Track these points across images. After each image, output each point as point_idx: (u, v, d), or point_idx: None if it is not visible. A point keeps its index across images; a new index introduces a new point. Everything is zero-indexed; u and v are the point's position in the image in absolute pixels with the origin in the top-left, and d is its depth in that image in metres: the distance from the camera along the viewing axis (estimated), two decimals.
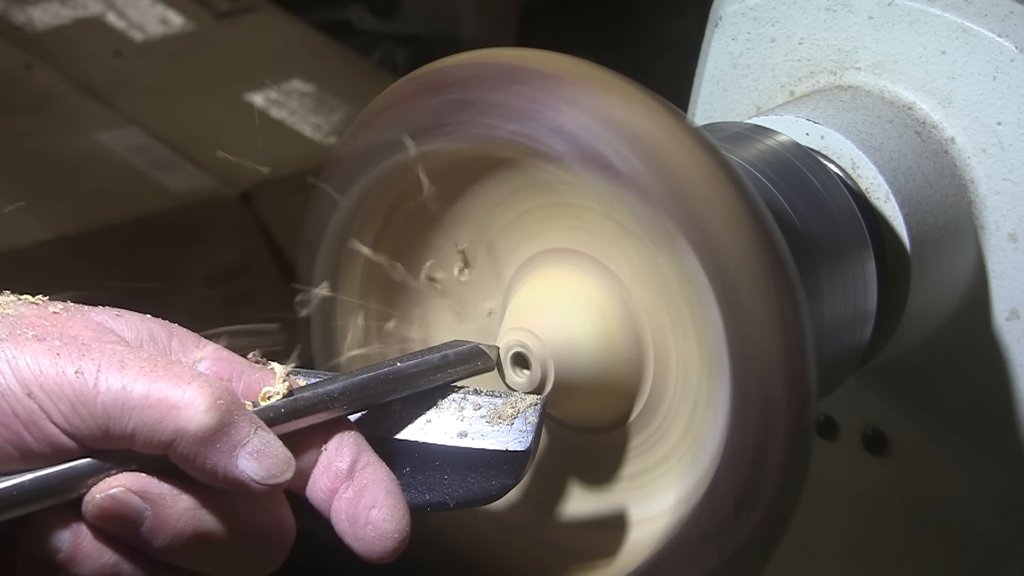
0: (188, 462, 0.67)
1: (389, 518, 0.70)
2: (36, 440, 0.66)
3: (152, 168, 2.08)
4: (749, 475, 0.74)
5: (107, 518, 0.67)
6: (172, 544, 0.67)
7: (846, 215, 0.92)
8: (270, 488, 0.68)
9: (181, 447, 0.67)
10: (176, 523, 0.67)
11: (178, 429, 0.66)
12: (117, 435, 0.66)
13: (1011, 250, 0.98)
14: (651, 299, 0.79)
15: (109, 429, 0.66)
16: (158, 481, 0.68)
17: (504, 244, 0.85)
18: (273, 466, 0.68)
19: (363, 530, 0.70)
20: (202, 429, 0.66)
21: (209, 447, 0.67)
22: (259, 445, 0.68)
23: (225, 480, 0.67)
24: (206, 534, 0.68)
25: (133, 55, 2.31)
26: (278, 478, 0.68)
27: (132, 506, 0.67)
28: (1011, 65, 0.95)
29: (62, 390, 0.66)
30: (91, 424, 0.66)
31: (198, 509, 0.68)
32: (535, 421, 0.75)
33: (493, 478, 0.74)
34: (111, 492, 0.66)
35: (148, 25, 2.37)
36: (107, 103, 2.19)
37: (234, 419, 0.68)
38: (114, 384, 0.66)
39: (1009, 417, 1.00)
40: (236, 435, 0.67)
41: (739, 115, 1.08)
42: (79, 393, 0.66)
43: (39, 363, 0.66)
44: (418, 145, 0.80)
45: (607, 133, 0.74)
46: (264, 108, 2.26)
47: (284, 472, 0.68)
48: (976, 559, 1.06)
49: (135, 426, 0.66)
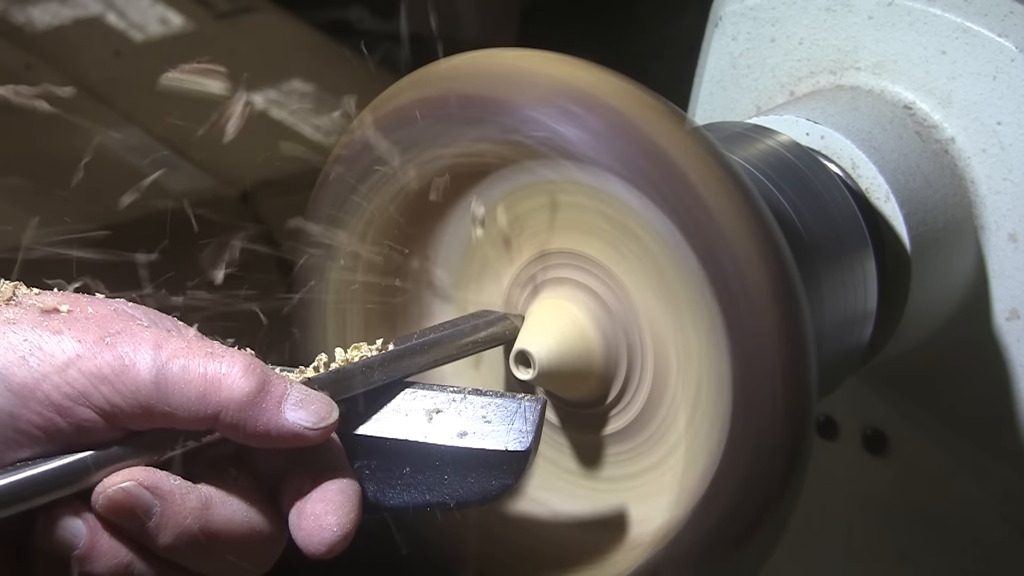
0: (238, 429, 0.68)
1: (333, 512, 0.70)
2: (68, 424, 0.66)
3: (152, 168, 2.08)
4: (749, 475, 0.74)
5: (116, 510, 0.67)
6: (176, 542, 0.67)
7: (846, 215, 0.92)
8: (322, 432, 0.70)
9: (228, 415, 0.68)
10: (183, 521, 0.67)
11: (222, 399, 0.67)
12: (159, 413, 0.67)
13: (1011, 250, 0.98)
14: (651, 299, 0.79)
15: (151, 407, 0.67)
16: (168, 477, 0.68)
17: (504, 244, 0.85)
18: (319, 410, 0.70)
19: (305, 520, 0.70)
20: (244, 393, 0.68)
21: (255, 408, 0.68)
22: (300, 395, 0.70)
23: (279, 435, 0.69)
24: (211, 534, 0.68)
25: (133, 55, 2.31)
26: (327, 420, 0.70)
27: (142, 500, 0.67)
28: (1011, 65, 0.95)
29: (102, 372, 0.66)
30: (132, 403, 0.67)
31: (205, 509, 0.68)
32: (535, 421, 0.75)
33: (493, 478, 0.74)
34: (123, 485, 0.67)
35: (148, 25, 2.37)
36: (107, 103, 2.19)
37: (270, 378, 0.69)
38: (153, 363, 0.67)
39: (1009, 417, 1.00)
40: (276, 392, 0.69)
41: (739, 115, 1.08)
42: (119, 374, 0.66)
43: (76, 348, 0.67)
44: (417, 146, 0.80)
45: (607, 133, 0.74)
46: (264, 108, 2.26)
47: (331, 414, 0.70)
48: (976, 559, 1.06)
49: (177, 402, 0.67)
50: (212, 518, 0.68)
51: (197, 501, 0.68)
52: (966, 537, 1.06)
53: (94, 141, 1.94)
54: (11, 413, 0.65)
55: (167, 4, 2.40)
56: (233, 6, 2.44)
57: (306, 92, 2.31)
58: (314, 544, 0.70)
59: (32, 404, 0.66)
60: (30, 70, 2.23)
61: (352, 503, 0.71)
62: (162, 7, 2.40)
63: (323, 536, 0.70)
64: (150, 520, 0.67)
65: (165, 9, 2.40)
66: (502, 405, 0.75)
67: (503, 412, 0.75)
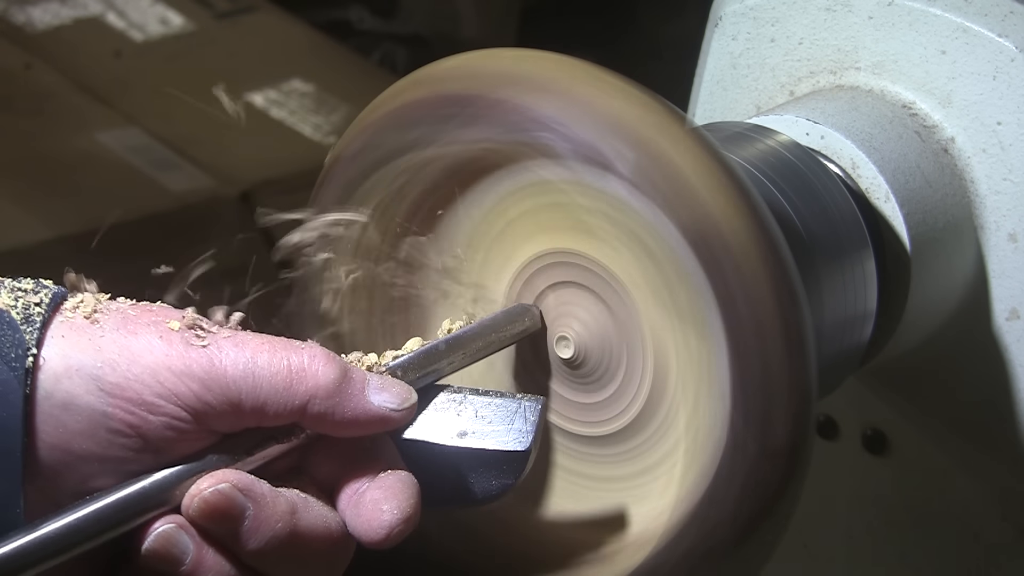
0: (327, 418, 0.69)
1: (391, 498, 0.70)
2: (159, 423, 0.67)
3: (152, 168, 2.08)
4: (749, 475, 0.74)
5: (212, 513, 0.67)
6: (267, 547, 0.68)
7: (846, 215, 0.92)
8: (406, 413, 0.72)
9: (316, 405, 0.69)
10: (275, 525, 0.68)
11: (309, 388, 0.69)
12: (249, 408, 0.68)
13: (1011, 250, 0.98)
14: (651, 299, 0.79)
15: (241, 403, 0.68)
16: (258, 480, 0.69)
17: (504, 244, 0.85)
18: (400, 391, 0.72)
19: (363, 508, 0.70)
20: (331, 380, 0.69)
21: (342, 396, 0.69)
22: (379, 381, 0.72)
23: (367, 419, 0.70)
24: (298, 538, 0.69)
25: (133, 55, 2.32)
26: (409, 400, 0.72)
27: (237, 503, 0.67)
28: (1011, 65, 0.95)
29: (191, 370, 0.67)
30: (223, 400, 0.68)
31: (293, 514, 0.69)
32: (535, 421, 0.75)
33: (493, 478, 0.74)
34: (219, 487, 0.67)
35: (148, 25, 2.37)
36: (107, 103, 2.19)
37: (349, 366, 0.71)
38: (239, 359, 0.68)
39: (1009, 417, 1.00)
40: (359, 379, 0.71)
41: (739, 115, 1.08)
42: (208, 371, 0.68)
43: (161, 348, 0.68)
44: (418, 146, 0.80)
45: (607, 133, 0.74)
46: (264, 108, 2.26)
47: (411, 395, 0.73)
48: (976, 559, 1.06)
49: (266, 395, 0.68)
50: (299, 523, 0.69)
51: (286, 505, 0.69)
52: (966, 537, 1.06)
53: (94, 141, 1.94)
54: (104, 412, 0.66)
55: (167, 4, 2.40)
56: (233, 6, 2.44)
57: (306, 92, 2.32)
58: (373, 529, 0.70)
59: (124, 403, 0.67)
60: (30, 70, 2.23)
61: (411, 491, 0.71)
62: (162, 7, 2.40)
63: (382, 520, 0.70)
64: (243, 524, 0.67)
65: (165, 9, 2.40)
66: (502, 405, 0.75)
67: (503, 412, 0.75)
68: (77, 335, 0.67)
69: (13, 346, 0.65)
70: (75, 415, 0.66)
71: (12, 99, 2.16)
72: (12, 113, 2.14)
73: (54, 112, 2.15)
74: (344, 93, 2.32)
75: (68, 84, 2.21)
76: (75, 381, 0.66)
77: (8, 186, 1.96)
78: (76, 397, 0.66)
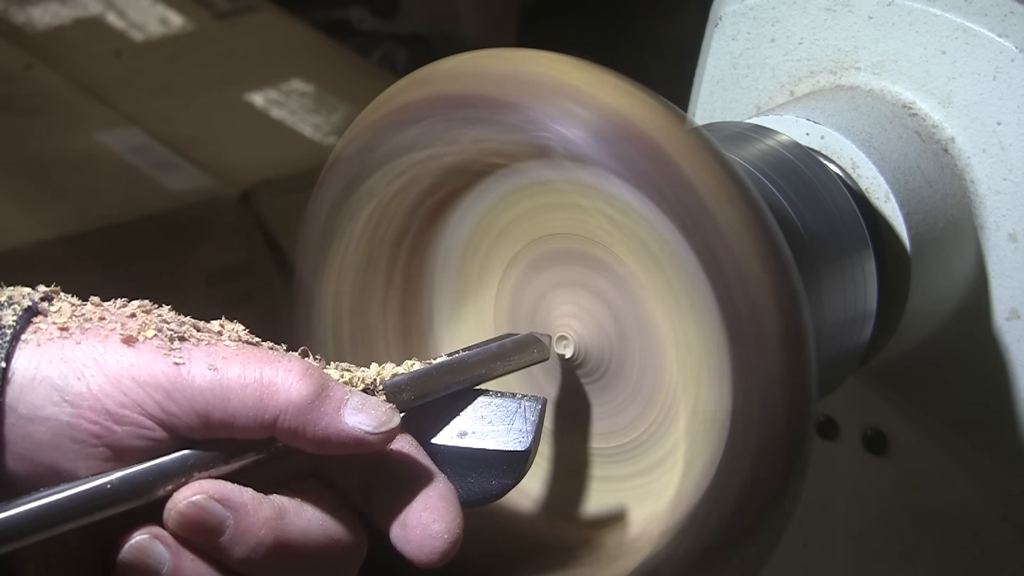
0: (297, 434, 0.67)
1: (439, 519, 0.69)
2: (125, 433, 0.66)
3: (152, 168, 2.08)
4: (749, 475, 0.74)
5: (189, 525, 0.66)
6: (252, 555, 0.66)
7: (846, 215, 0.92)
8: (383, 437, 0.68)
9: (287, 420, 0.67)
10: (258, 532, 0.66)
11: (279, 403, 0.66)
12: (217, 421, 0.66)
13: (1011, 250, 0.98)
14: (651, 299, 0.79)
15: (208, 416, 0.66)
16: (239, 488, 0.67)
17: (504, 245, 0.85)
18: (381, 415, 0.69)
19: (412, 532, 0.69)
20: (303, 396, 0.67)
21: (315, 413, 0.67)
22: (359, 400, 0.69)
23: (339, 440, 0.67)
24: (287, 545, 0.67)
25: (133, 55, 2.32)
26: (388, 425, 0.68)
27: (214, 513, 0.66)
28: (1011, 65, 0.95)
29: (156, 380, 0.66)
30: (189, 411, 0.66)
31: (279, 519, 0.67)
32: (535, 421, 0.75)
33: (493, 478, 0.74)
34: (194, 499, 0.66)
35: (148, 25, 2.37)
36: (107, 103, 2.19)
37: (328, 383, 0.68)
38: (207, 370, 0.66)
39: (1009, 417, 1.00)
40: (336, 396, 0.68)
41: (739, 115, 1.08)
42: (173, 382, 0.66)
43: (128, 358, 0.66)
44: (418, 146, 0.80)
45: (607, 133, 0.74)
46: (264, 108, 2.26)
47: (391, 419, 0.69)
48: (976, 559, 1.06)
49: (235, 408, 0.66)
50: (287, 528, 0.67)
51: (271, 511, 0.67)
52: (966, 537, 1.06)
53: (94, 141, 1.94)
54: (68, 423, 0.65)
55: (167, 4, 2.40)
56: (233, 6, 2.44)
57: (306, 92, 2.32)
58: (425, 554, 0.69)
59: (87, 413, 0.66)
60: (30, 70, 2.23)
61: (455, 508, 0.70)
62: (162, 7, 2.40)
63: (434, 545, 0.69)
64: (224, 534, 0.66)
65: (165, 9, 2.40)
66: (502, 405, 0.75)
67: (503, 412, 0.75)
68: (44, 346, 0.66)
69: None
70: (39, 426, 0.65)
71: (12, 99, 2.16)
72: (12, 113, 2.14)
73: (54, 112, 2.15)
74: (344, 93, 2.32)
75: (68, 84, 2.21)
76: (39, 392, 0.65)
77: (8, 186, 1.96)
78: (39, 408, 0.65)
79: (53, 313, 0.68)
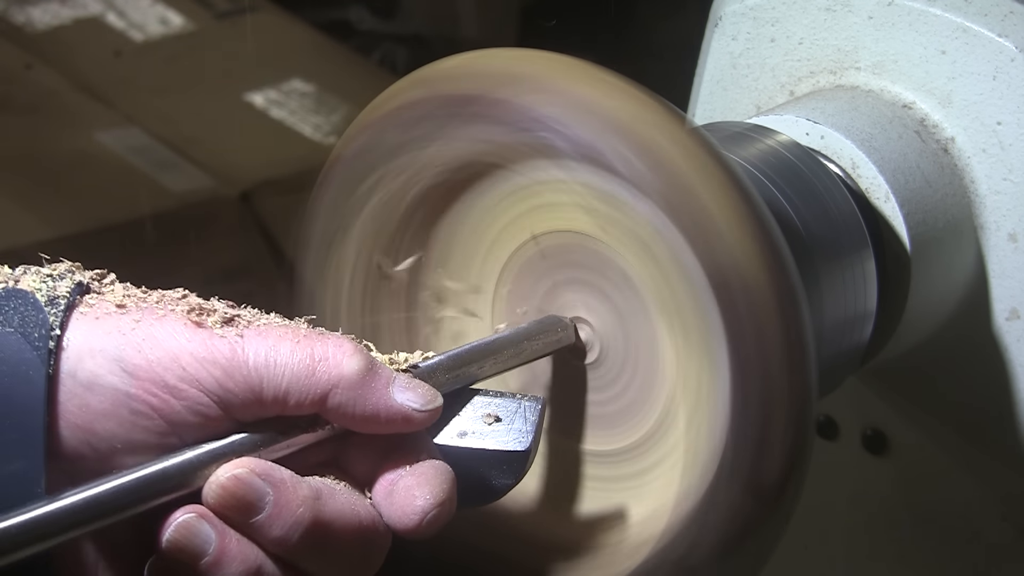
0: (346, 410, 0.68)
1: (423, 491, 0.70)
2: (183, 407, 0.67)
3: (152, 168, 2.08)
4: (749, 475, 0.74)
5: (230, 499, 0.66)
6: (289, 533, 0.67)
7: (846, 215, 0.92)
8: (429, 415, 0.70)
9: (338, 395, 0.68)
10: (296, 510, 0.67)
11: (331, 378, 0.68)
12: (270, 397, 0.68)
13: (1011, 250, 0.98)
14: (652, 298, 0.79)
15: (263, 391, 0.67)
16: (278, 467, 0.68)
17: (504, 245, 0.85)
18: (426, 392, 0.71)
19: (397, 496, 0.70)
20: (355, 372, 0.68)
21: (365, 389, 0.69)
22: (405, 379, 0.71)
23: (388, 416, 0.69)
24: (322, 525, 0.68)
25: (133, 55, 2.32)
26: (434, 402, 0.71)
27: (256, 488, 0.67)
28: (1011, 65, 0.95)
29: (214, 357, 0.67)
30: (244, 387, 0.67)
31: (316, 499, 0.68)
32: (535, 421, 0.75)
33: (493, 478, 0.74)
34: (235, 472, 0.67)
35: (148, 25, 2.37)
36: (107, 103, 2.19)
37: (375, 361, 0.70)
38: (261, 347, 0.68)
39: (1009, 417, 1.00)
40: (384, 373, 0.70)
41: (739, 115, 1.08)
42: (230, 359, 0.67)
43: (185, 335, 0.68)
44: (418, 146, 0.80)
45: (607, 133, 0.74)
46: (264, 108, 2.26)
47: (436, 398, 0.71)
48: (976, 559, 1.06)
49: (288, 384, 0.68)
50: (323, 509, 0.68)
51: (308, 490, 0.68)
52: (966, 536, 1.06)
53: (94, 141, 1.94)
54: (127, 393, 0.66)
55: (167, 4, 2.40)
56: (233, 6, 2.44)
57: (306, 92, 2.32)
58: (407, 515, 0.69)
59: (146, 384, 0.66)
60: (30, 70, 2.23)
61: (445, 477, 0.71)
62: (162, 7, 2.40)
63: (415, 505, 0.69)
64: (263, 510, 0.67)
65: (165, 9, 2.40)
66: (502, 405, 0.75)
67: (503, 412, 0.75)
68: (101, 319, 0.67)
69: (37, 326, 0.66)
70: (98, 395, 0.66)
71: (12, 99, 2.16)
72: (12, 113, 2.14)
73: (54, 112, 2.15)
74: (344, 93, 2.32)
75: (68, 84, 2.21)
76: (98, 361, 0.66)
77: (8, 186, 1.96)
78: (99, 377, 0.66)
79: (108, 291, 0.69)
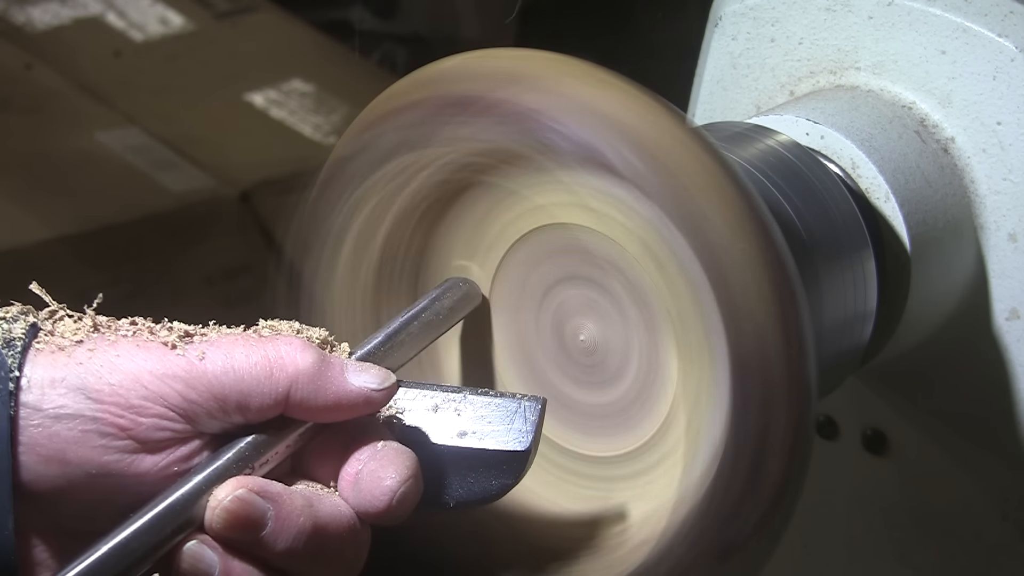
0: (308, 404, 0.70)
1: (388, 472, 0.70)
2: (151, 426, 0.68)
3: (152, 168, 2.08)
4: (749, 475, 0.74)
5: (235, 522, 0.67)
6: (294, 544, 0.68)
7: (846, 215, 0.92)
8: (387, 393, 0.72)
9: (298, 391, 0.70)
10: (297, 520, 0.68)
11: (289, 374, 0.69)
12: (234, 403, 0.69)
13: (1011, 250, 0.98)
14: (651, 298, 0.79)
15: (226, 398, 0.69)
16: (269, 481, 0.69)
17: (504, 243, 0.85)
18: (378, 373, 0.73)
19: (363, 482, 0.71)
20: (309, 364, 0.70)
21: (322, 379, 0.70)
22: (355, 364, 0.73)
23: (349, 401, 0.71)
24: (321, 530, 0.69)
25: (133, 55, 2.31)
26: (389, 380, 0.73)
27: (257, 506, 0.68)
28: (1011, 65, 0.95)
29: (173, 372, 0.69)
30: (207, 397, 0.69)
31: (311, 506, 0.69)
32: (535, 421, 0.75)
33: (493, 478, 0.74)
34: (237, 493, 0.68)
35: (148, 25, 2.37)
36: (107, 103, 2.19)
37: (325, 352, 0.72)
38: (217, 357, 0.69)
39: (1009, 417, 1.00)
40: (336, 362, 0.72)
41: (739, 115, 1.08)
42: (189, 371, 0.69)
43: (141, 356, 0.69)
44: (418, 146, 0.80)
45: (607, 133, 0.74)
46: (264, 108, 2.26)
47: (389, 376, 0.73)
48: (976, 559, 1.06)
49: (249, 387, 0.69)
50: (319, 514, 0.69)
51: (302, 499, 0.69)
52: (966, 537, 1.06)
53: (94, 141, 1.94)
54: (93, 417, 0.67)
55: (167, 4, 2.40)
56: (233, 6, 2.44)
57: (306, 92, 2.32)
58: (376, 498, 0.70)
59: (111, 408, 0.67)
60: (30, 70, 2.23)
61: (408, 458, 0.71)
62: (162, 7, 2.40)
63: (383, 486, 0.70)
64: (267, 525, 0.68)
65: (165, 9, 2.40)
66: (502, 405, 0.75)
67: (503, 412, 0.75)
68: (57, 354, 0.68)
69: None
70: (66, 424, 0.67)
71: (12, 99, 2.16)
72: (12, 113, 2.14)
73: (54, 112, 2.15)
74: (344, 93, 2.32)
75: (68, 84, 2.21)
76: (60, 391, 0.67)
77: (8, 186, 1.96)
78: (64, 407, 0.67)
79: (59, 327, 0.70)
